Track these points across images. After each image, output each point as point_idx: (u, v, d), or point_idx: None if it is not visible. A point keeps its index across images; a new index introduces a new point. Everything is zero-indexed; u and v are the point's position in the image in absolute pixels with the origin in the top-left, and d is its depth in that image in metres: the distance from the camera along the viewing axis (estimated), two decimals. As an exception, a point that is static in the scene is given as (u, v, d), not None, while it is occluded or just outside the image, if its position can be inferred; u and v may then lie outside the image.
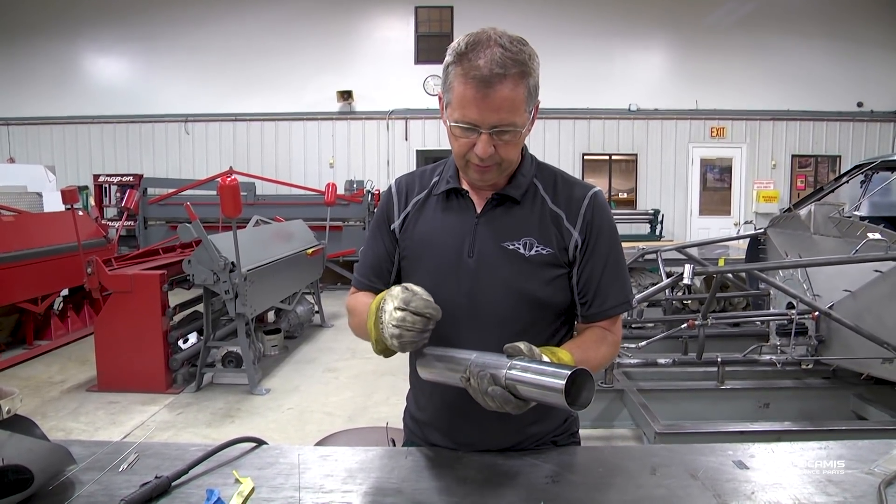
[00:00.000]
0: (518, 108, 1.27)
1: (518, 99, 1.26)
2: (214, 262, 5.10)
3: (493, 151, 1.30)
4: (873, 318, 3.54)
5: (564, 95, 12.15)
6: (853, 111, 12.78)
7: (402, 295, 1.22)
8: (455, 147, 1.35)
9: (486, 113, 1.26)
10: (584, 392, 1.11)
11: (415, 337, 1.20)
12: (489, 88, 1.23)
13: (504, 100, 1.25)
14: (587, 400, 1.11)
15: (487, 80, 1.23)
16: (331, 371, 6.00)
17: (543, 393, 1.10)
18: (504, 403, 1.13)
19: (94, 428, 4.62)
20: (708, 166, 13.15)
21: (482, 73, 1.23)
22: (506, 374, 1.14)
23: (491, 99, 1.24)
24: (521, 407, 1.15)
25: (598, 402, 4.01)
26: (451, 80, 1.28)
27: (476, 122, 1.27)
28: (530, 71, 1.27)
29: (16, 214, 6.76)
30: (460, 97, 1.27)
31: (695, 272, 3.85)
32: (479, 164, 1.33)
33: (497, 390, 1.13)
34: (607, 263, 1.43)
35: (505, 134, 1.29)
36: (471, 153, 1.32)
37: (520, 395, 1.14)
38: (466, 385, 1.18)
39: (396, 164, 12.80)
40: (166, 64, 12.93)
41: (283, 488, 1.28)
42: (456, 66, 1.27)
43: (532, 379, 1.12)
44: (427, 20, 12.75)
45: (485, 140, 1.28)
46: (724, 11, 12.44)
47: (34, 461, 1.20)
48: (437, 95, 1.41)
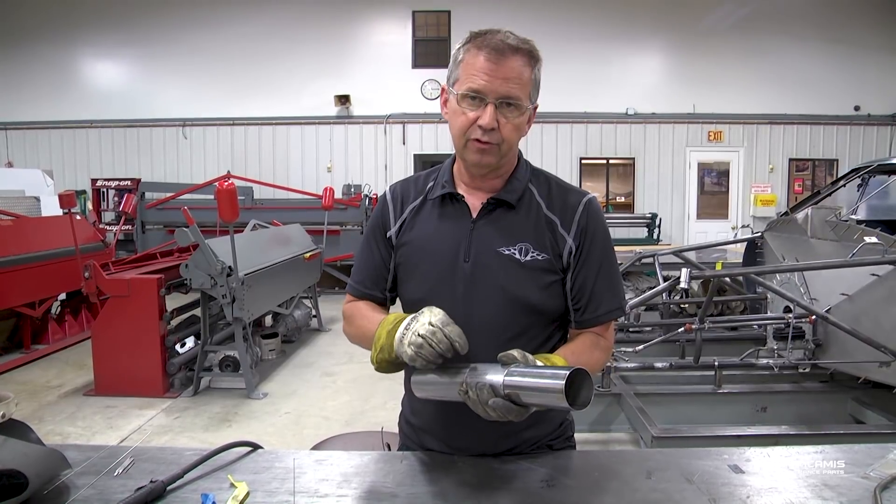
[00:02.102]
0: (525, 84, 1.32)
1: (526, 77, 1.31)
2: (212, 266, 5.09)
3: (496, 125, 1.31)
4: (870, 322, 3.55)
5: (562, 99, 12.18)
6: (850, 115, 12.82)
7: (443, 317, 1.22)
8: (457, 125, 1.36)
9: (496, 81, 1.29)
10: (583, 391, 1.11)
11: (432, 356, 1.20)
12: (502, 56, 1.29)
13: (513, 70, 1.30)
14: (587, 399, 1.11)
15: (501, 50, 1.29)
16: (328, 375, 5.99)
17: (543, 396, 1.10)
18: (506, 413, 1.13)
19: (91, 432, 4.60)
20: (705, 170, 13.18)
21: (496, 43, 1.29)
22: (504, 381, 1.14)
23: (502, 68, 1.29)
24: (523, 413, 1.15)
25: (594, 405, 4.01)
26: (462, 56, 1.33)
27: (484, 91, 1.30)
28: (537, 59, 1.33)
29: (13, 219, 6.75)
30: (471, 66, 1.31)
31: (692, 276, 3.85)
32: (479, 140, 1.33)
33: (498, 402, 1.13)
34: (601, 270, 1.43)
35: (510, 108, 1.31)
36: (473, 128, 1.33)
37: (520, 402, 1.14)
38: (465, 398, 1.18)
39: (394, 169, 12.81)
40: (164, 68, 12.95)
41: (279, 493, 1.28)
42: (469, 43, 1.33)
43: (530, 384, 1.12)
44: (424, 25, 12.78)
45: (490, 110, 1.30)
46: (721, 15, 12.48)
47: (29, 466, 1.20)
48: (434, 100, 1.43)
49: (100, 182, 12.59)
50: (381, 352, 1.28)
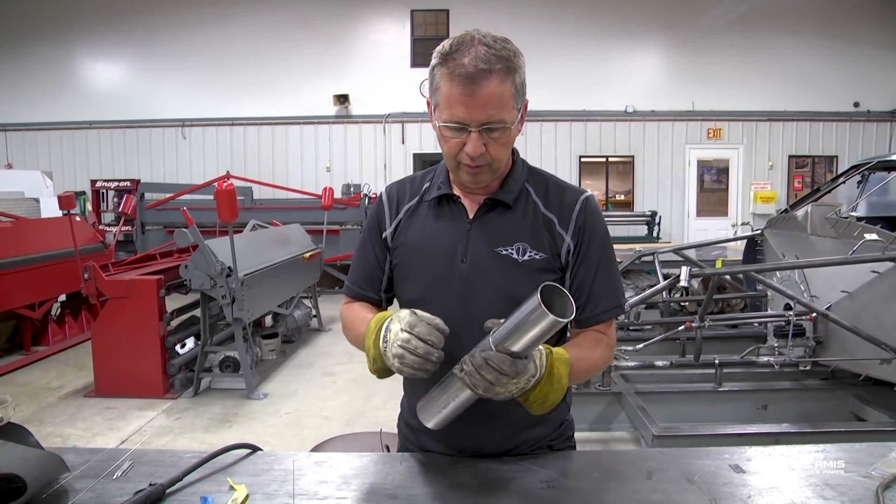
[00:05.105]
0: (505, 103, 1.27)
1: (505, 95, 1.27)
2: (211, 266, 5.09)
3: (483, 150, 1.29)
4: (871, 319, 3.54)
5: (561, 97, 12.18)
6: (850, 111, 12.82)
7: (409, 318, 1.21)
8: (445, 149, 1.35)
9: (473, 110, 1.25)
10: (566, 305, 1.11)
11: (417, 363, 1.18)
12: (475, 85, 1.23)
13: (491, 95, 1.25)
14: (571, 309, 1.10)
15: (473, 77, 1.23)
16: (328, 375, 5.99)
17: (528, 324, 1.10)
18: (501, 364, 1.12)
19: (91, 434, 4.60)
20: (705, 167, 13.18)
21: (468, 71, 1.23)
22: (490, 338, 1.15)
23: (478, 95, 1.24)
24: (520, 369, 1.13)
25: (595, 404, 4.01)
26: (438, 82, 1.29)
27: (465, 121, 1.27)
28: (515, 67, 1.28)
29: (13, 220, 6.76)
30: (447, 97, 1.27)
31: (692, 274, 3.85)
32: (470, 165, 1.32)
33: (489, 353, 1.13)
34: (599, 268, 1.43)
35: (494, 131, 1.29)
36: (461, 154, 1.32)
37: (515, 353, 1.13)
38: (462, 375, 1.17)
39: (393, 168, 12.82)
40: (163, 69, 12.95)
41: (278, 495, 1.28)
42: (441, 66, 1.28)
43: (513, 322, 1.12)
44: (423, 24, 12.77)
45: (475, 138, 1.28)
46: (720, 12, 12.47)
47: (27, 469, 1.19)
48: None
49: (99, 183, 12.59)
50: (375, 362, 1.28)
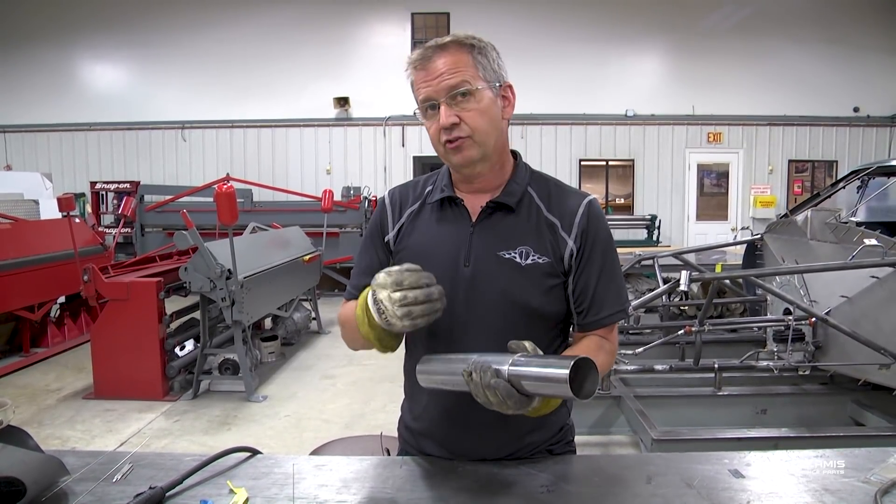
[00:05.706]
0: (461, 68, 1.32)
1: (461, 61, 1.33)
2: (211, 269, 5.09)
3: (456, 119, 1.32)
4: (870, 324, 3.54)
5: (561, 101, 12.19)
6: (850, 116, 12.83)
7: (390, 279, 1.19)
8: (430, 137, 1.39)
9: (432, 82, 1.32)
10: (588, 382, 1.09)
11: (426, 309, 1.18)
12: (429, 60, 1.33)
13: (445, 64, 1.32)
14: (591, 390, 1.08)
15: (427, 57, 1.34)
16: (328, 378, 5.99)
17: (547, 384, 1.08)
18: (506, 397, 1.10)
19: (90, 436, 4.60)
20: (705, 172, 13.19)
21: (423, 52, 1.35)
22: (509, 368, 1.11)
23: (433, 67, 1.32)
24: (523, 404, 1.12)
25: (595, 408, 4.01)
26: (411, 81, 1.39)
27: (431, 96, 1.33)
28: (474, 45, 1.35)
29: (12, 222, 6.75)
30: (415, 84, 1.37)
31: (692, 278, 3.85)
32: (449, 140, 1.34)
33: (500, 383, 1.10)
34: (602, 272, 1.42)
35: (463, 97, 1.32)
36: (440, 134, 1.35)
37: (523, 391, 1.11)
38: (468, 380, 1.15)
39: (393, 171, 12.82)
40: (163, 71, 12.95)
41: (278, 498, 1.28)
42: (409, 67, 1.39)
43: (535, 372, 1.09)
44: (423, 26, 12.78)
45: (444, 109, 1.32)
46: (721, 16, 12.49)
47: (27, 472, 1.19)
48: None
49: (99, 185, 12.59)
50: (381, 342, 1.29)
